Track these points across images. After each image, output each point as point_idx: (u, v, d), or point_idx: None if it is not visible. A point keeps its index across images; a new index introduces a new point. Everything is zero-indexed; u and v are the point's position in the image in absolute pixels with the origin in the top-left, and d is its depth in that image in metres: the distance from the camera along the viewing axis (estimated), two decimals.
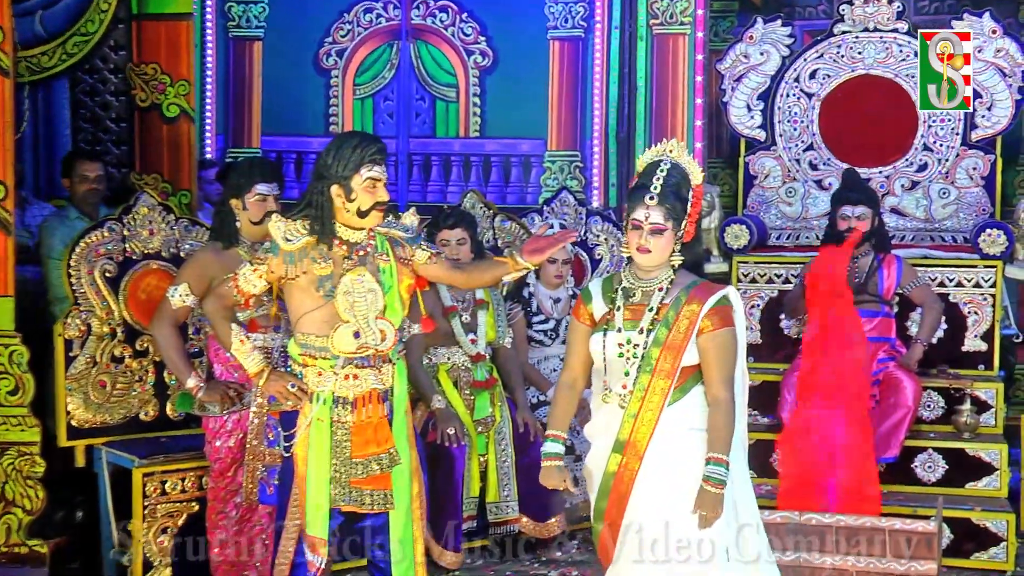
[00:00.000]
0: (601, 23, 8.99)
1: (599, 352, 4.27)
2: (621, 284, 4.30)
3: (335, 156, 4.48)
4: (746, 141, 8.23)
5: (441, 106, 9.50)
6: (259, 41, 9.75)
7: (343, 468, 4.50)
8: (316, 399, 4.50)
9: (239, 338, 4.61)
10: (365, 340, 4.45)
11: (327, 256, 4.48)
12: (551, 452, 4.38)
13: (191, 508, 5.72)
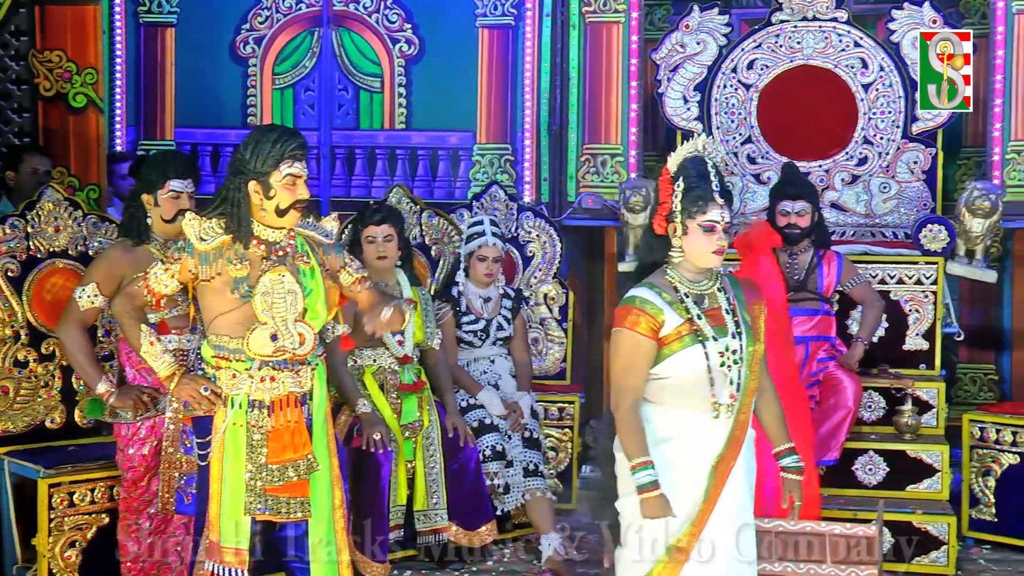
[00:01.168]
0: (532, 10, 8.98)
1: (699, 366, 4.13)
2: (680, 291, 4.18)
3: (253, 151, 4.43)
4: (682, 133, 8.27)
5: (365, 97, 9.45)
6: (172, 27, 9.64)
7: (259, 475, 4.45)
8: (231, 403, 4.46)
9: (149, 340, 4.55)
10: (283, 343, 4.42)
11: (243, 257, 4.44)
12: (649, 482, 4.06)
13: (101, 520, 5.64)
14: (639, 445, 4.08)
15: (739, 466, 4.20)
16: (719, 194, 4.14)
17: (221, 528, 4.47)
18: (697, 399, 4.14)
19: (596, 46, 8.86)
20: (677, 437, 4.15)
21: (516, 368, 7.05)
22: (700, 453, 4.15)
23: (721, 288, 4.24)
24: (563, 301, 7.70)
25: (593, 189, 8.82)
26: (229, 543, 4.46)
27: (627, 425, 4.12)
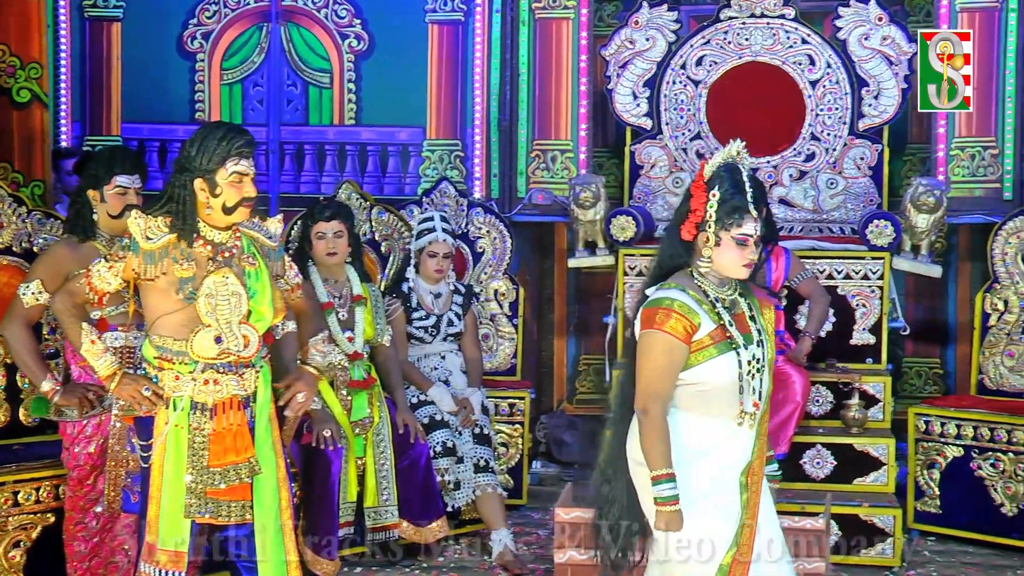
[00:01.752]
0: (482, 6, 8.97)
1: (731, 372, 4.03)
2: (709, 296, 4.09)
3: (199, 148, 4.37)
4: (632, 130, 8.30)
5: (314, 92, 9.43)
6: (118, 22, 9.57)
7: (200, 478, 4.40)
8: (173, 405, 4.41)
9: (90, 338, 4.47)
10: (227, 346, 4.37)
11: (190, 256, 4.39)
12: (672, 496, 3.95)
13: (46, 520, 5.57)
14: (665, 456, 3.97)
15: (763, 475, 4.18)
16: (754, 206, 4.05)
17: (160, 530, 4.41)
18: (726, 407, 4.06)
19: (545, 42, 8.88)
20: (713, 449, 4.06)
21: (467, 364, 7.06)
22: (732, 464, 4.08)
23: (741, 294, 4.17)
24: (513, 297, 7.71)
25: (543, 185, 8.83)
26: (167, 546, 4.41)
27: (658, 433, 3.99)
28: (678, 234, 4.12)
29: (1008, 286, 7.19)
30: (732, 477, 4.06)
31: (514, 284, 7.74)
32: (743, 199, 4.02)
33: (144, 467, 4.49)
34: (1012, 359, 7.15)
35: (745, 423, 4.05)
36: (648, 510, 4.08)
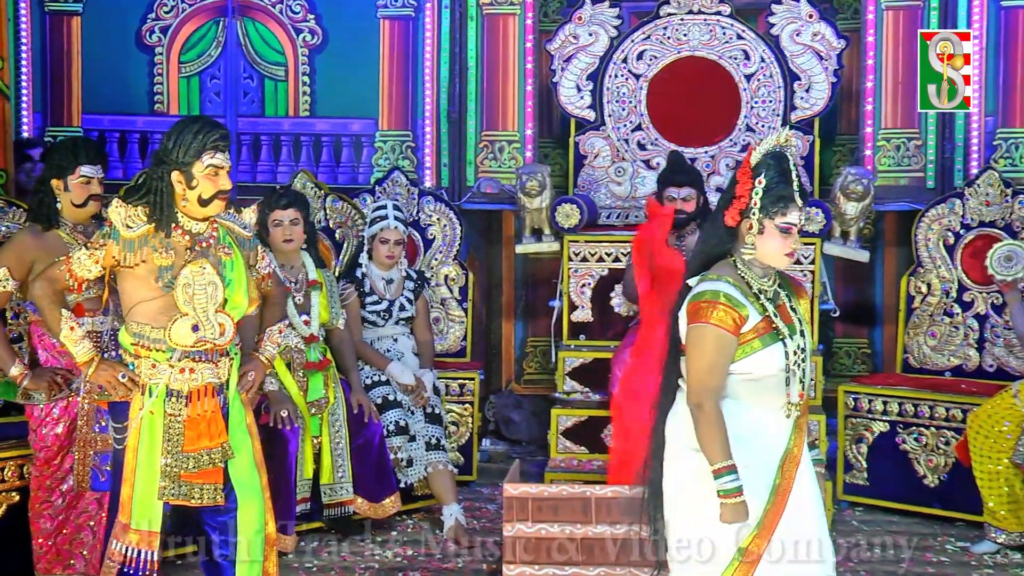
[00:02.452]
0: (431, 2, 8.97)
1: (778, 363, 3.92)
2: (753, 287, 3.96)
3: (175, 141, 4.37)
4: (576, 121, 8.33)
5: (270, 85, 9.40)
6: (78, 16, 9.50)
7: (174, 462, 4.40)
8: (149, 392, 4.40)
9: (69, 325, 4.44)
10: (204, 334, 4.36)
11: (168, 246, 4.37)
12: (735, 488, 3.80)
13: (11, 498, 5.57)
14: (725, 449, 3.81)
15: (804, 461, 4.01)
16: (799, 195, 3.94)
17: (133, 511, 4.42)
18: (774, 397, 3.95)
19: (493, 37, 8.90)
20: (751, 437, 3.93)
21: (418, 347, 7.10)
22: (770, 452, 3.95)
23: (780, 285, 4.05)
24: (463, 282, 7.76)
25: (491, 174, 8.85)
26: (140, 526, 4.41)
27: (715, 427, 3.84)
28: (722, 220, 3.99)
29: (931, 270, 7.31)
30: (769, 464, 3.94)
31: (463, 269, 7.79)
32: (789, 188, 3.91)
33: (118, 448, 4.49)
34: (934, 339, 7.29)
35: (792, 414, 3.97)
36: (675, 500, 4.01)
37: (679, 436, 3.98)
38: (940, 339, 7.25)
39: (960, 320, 7.22)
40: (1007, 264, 6.86)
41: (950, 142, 8.31)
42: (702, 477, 3.86)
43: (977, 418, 6.43)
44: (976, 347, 7.19)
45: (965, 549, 6.41)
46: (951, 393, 7.00)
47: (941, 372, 7.21)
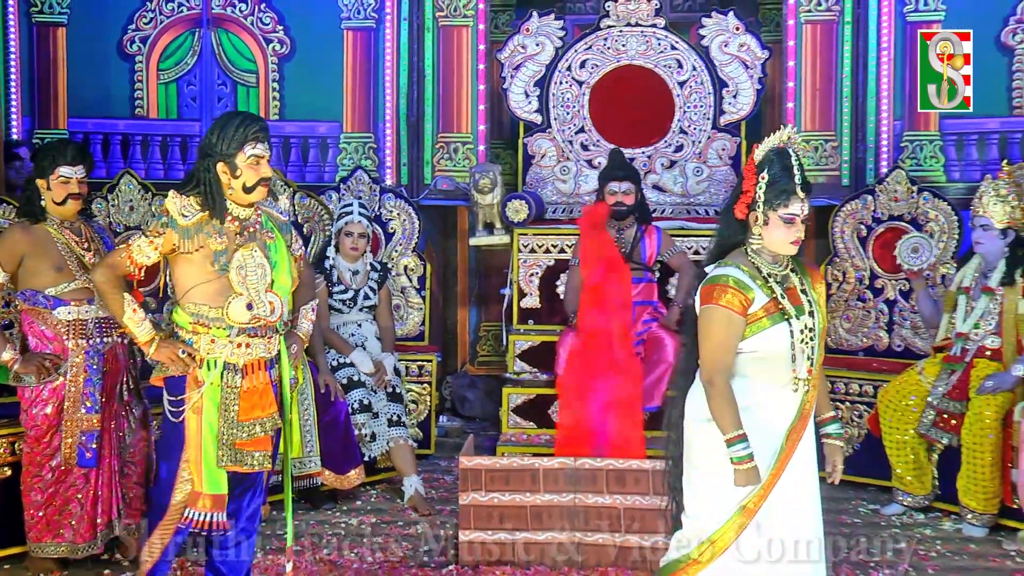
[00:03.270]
0: (391, 15, 8.96)
1: (784, 342, 3.90)
2: (763, 272, 3.94)
3: (219, 135, 4.34)
4: (524, 124, 8.36)
5: (242, 91, 9.35)
6: (63, 27, 9.41)
7: (229, 431, 4.37)
8: (208, 366, 4.36)
9: (132, 307, 4.39)
10: (257, 312, 4.34)
11: (221, 231, 4.35)
12: (747, 455, 3.82)
13: (4, 473, 5.50)
14: (735, 421, 3.83)
15: (808, 435, 4.00)
16: (801, 187, 3.91)
17: (204, 478, 4.36)
18: (780, 373, 3.92)
19: (448, 47, 8.90)
20: (755, 408, 3.91)
21: (380, 332, 7.07)
22: (776, 423, 3.93)
23: (793, 270, 4.01)
24: (421, 272, 7.75)
25: (447, 173, 8.86)
26: (210, 490, 4.37)
27: (726, 401, 3.86)
28: (732, 213, 4.00)
29: (846, 259, 7.38)
30: (775, 434, 3.93)
31: (422, 260, 7.78)
32: (790, 181, 3.89)
33: (175, 423, 4.40)
34: (849, 322, 7.36)
35: (800, 388, 3.94)
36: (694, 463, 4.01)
37: (696, 410, 3.99)
38: (854, 322, 7.31)
39: (872, 305, 7.29)
40: (914, 255, 6.95)
41: (863, 144, 8.39)
42: (716, 446, 3.88)
43: (887, 393, 6.50)
44: (886, 329, 7.25)
45: (876, 511, 6.49)
46: (863, 371, 7.08)
47: (855, 352, 7.28)
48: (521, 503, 5.58)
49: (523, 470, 5.61)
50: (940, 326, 6.58)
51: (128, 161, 9.22)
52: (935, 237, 7.04)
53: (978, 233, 6.35)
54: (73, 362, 5.31)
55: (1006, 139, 8.58)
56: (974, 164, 8.65)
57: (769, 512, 3.91)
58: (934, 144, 8.60)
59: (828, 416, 4.15)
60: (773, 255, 3.97)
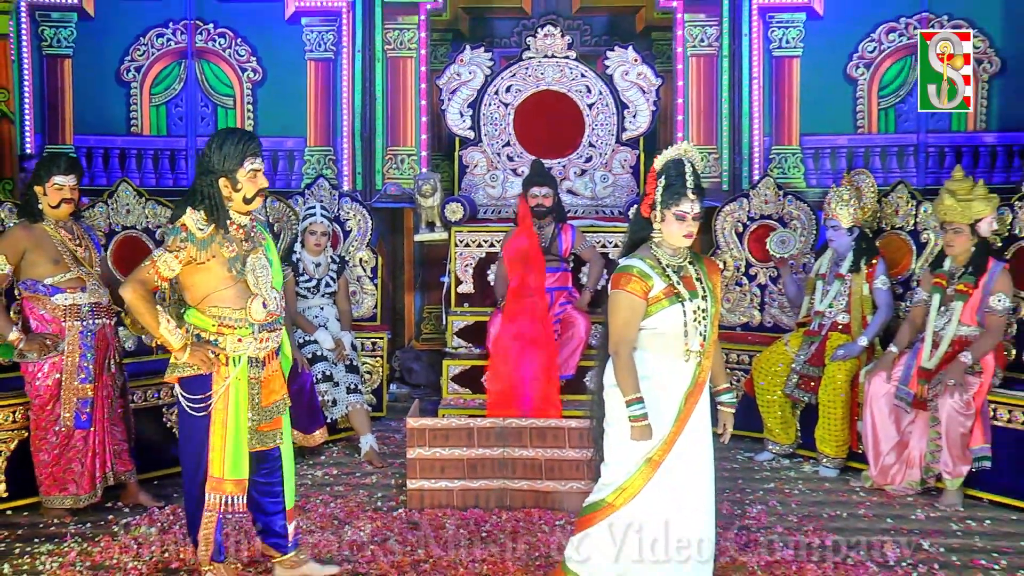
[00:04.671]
0: (347, 48, 8.90)
1: (678, 320, 3.90)
2: (662, 263, 3.94)
3: (220, 152, 4.12)
4: (459, 139, 8.31)
5: (222, 111, 9.25)
6: (69, 58, 9.28)
7: (256, 416, 4.23)
8: (234, 362, 4.17)
9: (165, 318, 4.13)
10: (271, 308, 4.19)
11: (230, 240, 4.15)
12: (642, 414, 3.85)
13: (21, 435, 5.42)
14: (634, 386, 3.87)
15: (703, 400, 4.00)
16: (692, 190, 3.89)
17: (227, 464, 4.18)
18: (676, 347, 3.93)
19: (395, 75, 8.85)
20: (656, 376, 3.93)
21: (340, 314, 6.99)
22: (674, 388, 3.94)
23: (691, 261, 4.01)
24: (374, 263, 7.68)
25: (395, 180, 8.82)
26: (234, 475, 4.18)
27: (627, 369, 3.90)
28: (640, 212, 4.02)
29: (726, 251, 7.42)
30: (673, 399, 3.94)
31: (374, 254, 7.72)
32: (682, 185, 3.89)
33: (197, 417, 4.19)
34: (729, 303, 7.39)
35: (691, 359, 3.93)
36: (610, 422, 4.01)
37: (608, 377, 4.00)
38: (733, 303, 7.35)
39: (747, 288, 7.33)
40: (781, 246, 6.99)
41: (739, 156, 8.44)
42: (621, 407, 3.91)
43: (759, 361, 6.55)
44: (759, 308, 7.30)
45: (751, 458, 6.54)
46: (741, 343, 7.12)
47: (733, 327, 7.32)
48: (459, 456, 5.56)
49: (460, 429, 5.58)
50: (802, 306, 6.64)
51: (125, 171, 9.13)
52: (798, 232, 7.09)
53: (830, 232, 6.43)
54: (69, 340, 5.26)
55: (852, 152, 8.70)
56: (828, 173, 8.74)
57: (672, 463, 3.92)
58: (796, 156, 8.68)
59: (723, 387, 4.15)
60: (673, 248, 3.97)
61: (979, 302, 5.67)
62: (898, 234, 6.60)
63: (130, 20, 9.23)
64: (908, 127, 8.74)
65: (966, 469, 5.56)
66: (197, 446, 4.20)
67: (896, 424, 5.81)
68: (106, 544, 4.93)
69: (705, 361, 3.97)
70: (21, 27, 9.08)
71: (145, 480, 5.75)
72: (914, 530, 5.20)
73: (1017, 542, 5.04)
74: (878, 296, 6.27)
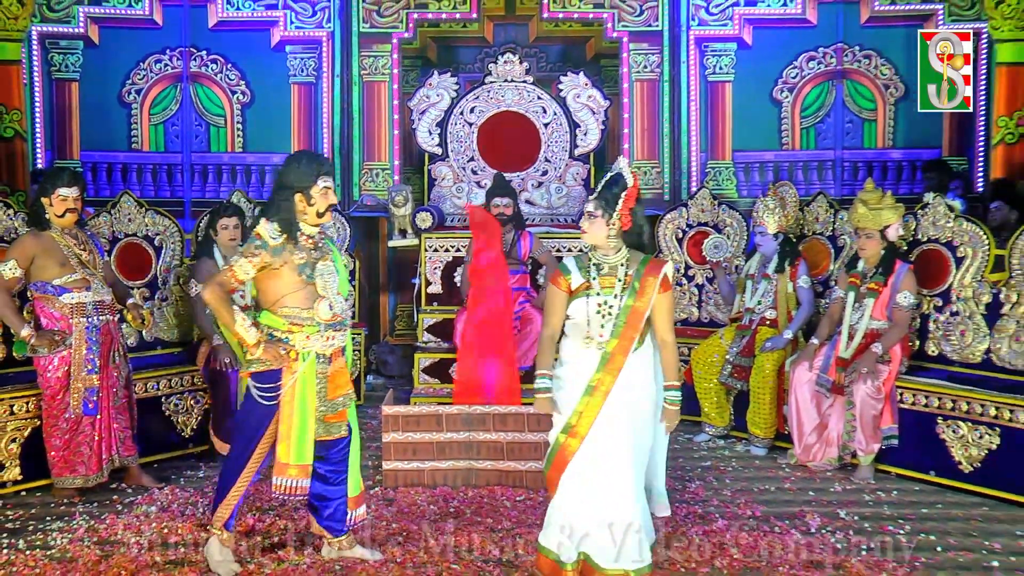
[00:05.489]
0: (327, 73, 8.88)
1: (583, 312, 3.95)
2: (592, 261, 3.99)
3: (296, 171, 4.07)
4: (429, 155, 8.28)
5: (214, 130, 9.20)
6: (76, 81, 9.20)
7: (322, 407, 4.17)
8: (302, 358, 4.11)
9: (241, 317, 4.07)
10: (336, 310, 4.13)
11: (301, 248, 4.09)
12: (544, 388, 3.99)
13: (34, 423, 5.35)
14: (545, 362, 4.01)
15: (620, 385, 3.94)
16: (592, 192, 4.02)
17: (293, 451, 4.10)
18: (581, 334, 3.97)
19: (370, 97, 8.84)
20: (570, 361, 3.99)
21: None
22: (583, 371, 3.95)
23: (623, 264, 3.98)
24: (352, 267, 7.64)
25: (371, 192, 8.81)
26: (299, 461, 4.11)
27: (542, 347, 4.04)
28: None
29: (668, 255, 7.38)
30: (581, 381, 3.95)
31: (352, 258, 7.67)
32: (591, 193, 4.04)
33: (267, 406, 4.12)
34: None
35: (592, 347, 3.94)
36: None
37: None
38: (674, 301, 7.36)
39: (687, 288, 7.36)
40: (716, 250, 7.04)
41: (678, 170, 8.50)
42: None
43: (696, 353, 6.58)
44: (696, 306, 7.34)
45: (690, 439, 6.54)
46: (681, 337, 7.03)
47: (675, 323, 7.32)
48: (429, 440, 5.54)
49: (430, 415, 5.57)
50: (734, 303, 6.68)
51: (126, 184, 9.08)
52: (730, 238, 7.13)
53: (758, 237, 6.47)
54: (76, 336, 5.21)
55: (778, 166, 8.81)
56: (757, 185, 8.85)
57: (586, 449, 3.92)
58: (729, 170, 8.78)
59: (668, 384, 4.06)
60: (604, 249, 3.99)
61: (888, 299, 5.75)
62: (818, 239, 6.67)
63: (131, 48, 9.18)
64: (827, 144, 8.87)
65: (877, 447, 5.64)
66: (252, 430, 4.16)
67: (817, 408, 5.86)
68: (111, 521, 4.89)
69: (617, 354, 3.93)
70: (32, 54, 9.01)
71: (146, 463, 5.71)
72: (832, 501, 5.26)
73: (919, 510, 5.12)
74: (801, 294, 6.33)
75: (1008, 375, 5.50)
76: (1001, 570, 4.30)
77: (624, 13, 8.83)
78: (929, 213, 6.00)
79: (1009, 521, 4.93)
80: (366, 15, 8.86)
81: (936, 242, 5.94)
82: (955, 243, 5.86)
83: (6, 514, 5.03)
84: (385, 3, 8.84)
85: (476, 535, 4.63)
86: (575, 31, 9.41)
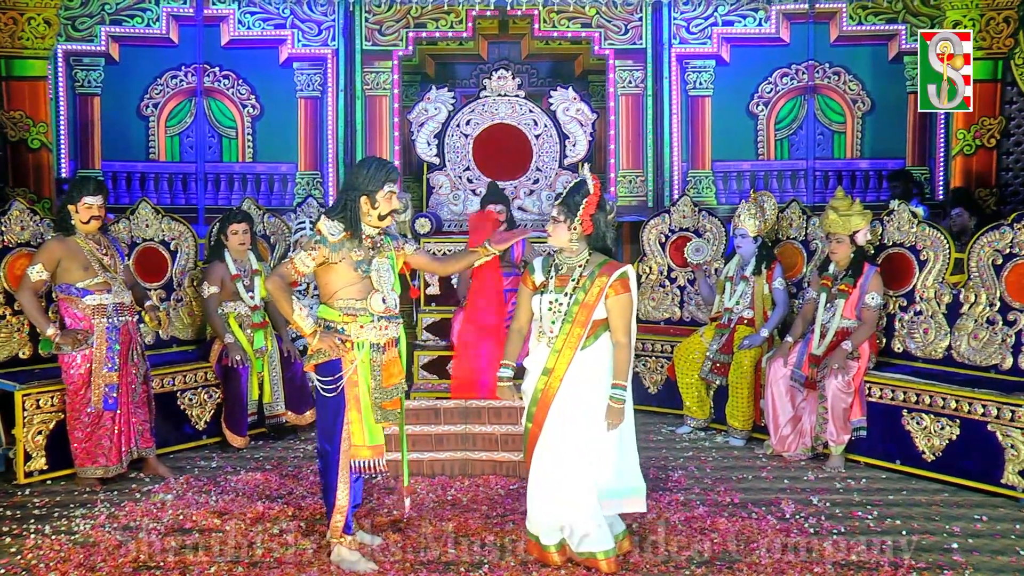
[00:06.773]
0: (332, 87, 8.88)
1: (537, 308, 4.02)
2: (554, 262, 4.04)
3: (365, 174, 4.05)
4: (427, 164, 8.26)
5: (227, 141, 9.20)
6: (98, 96, 9.21)
7: (378, 394, 4.13)
8: (358, 347, 4.08)
9: (299, 307, 4.05)
10: (388, 303, 4.11)
11: (360, 246, 4.07)
12: (504, 376, 4.07)
13: (59, 416, 5.34)
14: (509, 353, 4.12)
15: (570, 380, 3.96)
16: (556, 198, 4.05)
17: (364, 433, 4.10)
18: (537, 328, 4.04)
19: (372, 110, 8.84)
20: (532, 352, 4.04)
21: None
22: (538, 362, 4.00)
23: (581, 266, 4.00)
24: None
25: None
26: (371, 442, 4.11)
27: (508, 339, 4.16)
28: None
29: (651, 258, 7.42)
30: (536, 371, 4.00)
31: None
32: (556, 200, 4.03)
33: (330, 397, 4.09)
34: (654, 302, 7.36)
35: (543, 341, 3.99)
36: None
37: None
38: (657, 302, 7.36)
39: (669, 289, 7.35)
40: (697, 254, 7.04)
41: (661, 178, 8.51)
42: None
43: (679, 350, 6.58)
44: (679, 306, 7.33)
45: (673, 431, 6.54)
46: (664, 335, 7.12)
47: (658, 322, 7.32)
48: (428, 432, 5.54)
49: (429, 408, 5.57)
50: (714, 303, 6.68)
51: (144, 192, 9.07)
52: (710, 242, 7.13)
53: (738, 240, 6.47)
54: (97, 335, 5.20)
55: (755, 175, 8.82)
56: (735, 192, 8.86)
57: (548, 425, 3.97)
58: (709, 179, 8.79)
59: (615, 382, 3.99)
60: (570, 252, 4.01)
61: (857, 299, 5.76)
62: (792, 243, 6.68)
63: (149, 64, 9.18)
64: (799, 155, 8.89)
65: (847, 437, 5.65)
66: (330, 425, 4.13)
67: (791, 401, 5.87)
68: (130, 508, 4.88)
69: (565, 348, 3.93)
70: (58, 71, 9.02)
71: (163, 454, 5.71)
72: (806, 488, 5.26)
73: (886, 496, 5.13)
74: (776, 295, 6.34)
75: (967, 370, 5.52)
76: (960, 551, 4.32)
77: (610, 32, 8.84)
78: (894, 219, 6.02)
79: (967, 506, 4.95)
80: (368, 33, 8.85)
81: (901, 246, 5.96)
82: (918, 247, 5.88)
83: (33, 501, 5.03)
84: (386, 22, 8.84)
85: (472, 521, 4.64)
86: (564, 49, 9.42)
